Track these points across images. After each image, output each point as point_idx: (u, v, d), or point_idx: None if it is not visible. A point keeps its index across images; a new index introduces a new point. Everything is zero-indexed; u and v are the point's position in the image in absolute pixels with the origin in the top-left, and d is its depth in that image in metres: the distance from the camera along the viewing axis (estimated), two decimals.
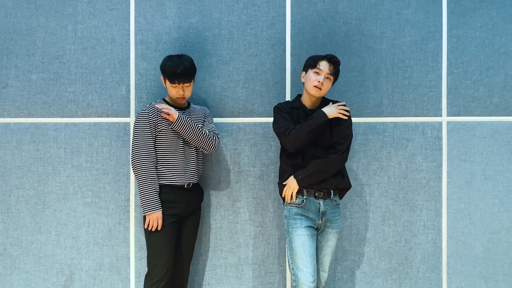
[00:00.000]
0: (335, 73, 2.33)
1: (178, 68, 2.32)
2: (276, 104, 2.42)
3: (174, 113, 2.33)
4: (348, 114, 2.29)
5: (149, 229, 2.34)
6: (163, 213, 2.35)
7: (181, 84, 2.36)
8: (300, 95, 2.42)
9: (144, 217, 2.36)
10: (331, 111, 2.26)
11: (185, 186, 2.42)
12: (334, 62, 2.31)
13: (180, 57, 2.39)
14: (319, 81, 2.29)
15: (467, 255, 2.69)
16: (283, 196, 2.32)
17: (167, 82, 2.38)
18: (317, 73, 2.30)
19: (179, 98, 2.40)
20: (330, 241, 2.34)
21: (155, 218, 2.33)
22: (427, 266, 2.69)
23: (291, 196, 2.27)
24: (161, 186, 2.38)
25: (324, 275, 2.37)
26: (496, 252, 2.69)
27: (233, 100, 2.69)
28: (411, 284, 2.68)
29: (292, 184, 2.27)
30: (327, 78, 2.31)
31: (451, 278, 2.69)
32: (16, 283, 2.68)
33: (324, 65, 2.30)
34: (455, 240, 2.69)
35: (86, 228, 2.68)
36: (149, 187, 2.33)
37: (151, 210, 2.32)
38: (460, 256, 2.69)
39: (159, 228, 2.33)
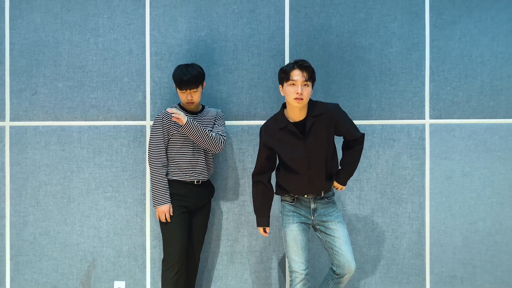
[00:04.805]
0: (310, 77, 2.31)
1: (185, 76, 2.56)
2: (262, 127, 2.45)
3: (183, 118, 2.56)
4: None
5: (160, 220, 2.63)
6: (174, 205, 2.62)
7: (188, 90, 2.59)
8: (285, 105, 2.43)
9: None
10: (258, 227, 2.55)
11: (195, 183, 2.68)
12: (305, 67, 2.29)
13: (187, 66, 2.63)
14: (297, 93, 2.27)
15: (447, 244, 2.96)
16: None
17: (177, 89, 2.63)
18: (293, 84, 2.29)
19: (188, 103, 2.63)
20: (337, 231, 2.40)
21: (162, 212, 2.60)
22: (412, 253, 2.96)
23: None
24: (174, 181, 2.65)
25: (351, 266, 2.37)
26: (474, 241, 2.96)
27: (238, 105, 2.97)
28: (398, 269, 2.97)
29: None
30: (305, 85, 2.30)
31: (433, 264, 2.96)
32: (44, 269, 2.99)
33: (297, 74, 2.29)
34: (437, 230, 2.96)
35: (106, 220, 2.98)
36: (158, 183, 2.61)
37: (158, 204, 2.60)
38: (442, 244, 2.96)
39: (168, 220, 2.60)
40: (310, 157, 2.38)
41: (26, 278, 2.98)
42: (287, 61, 2.95)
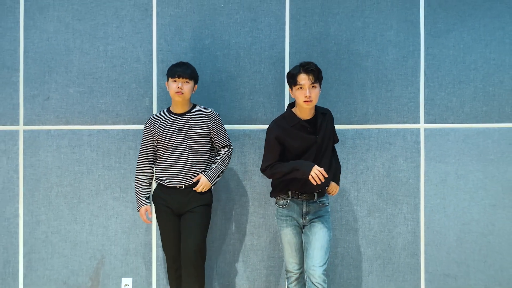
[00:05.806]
0: (317, 79, 2.40)
1: (179, 65, 2.66)
2: (272, 124, 2.50)
3: (206, 184, 2.66)
4: (321, 180, 2.33)
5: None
6: (161, 209, 2.70)
7: (181, 78, 2.61)
8: (291, 105, 2.53)
9: None
10: (311, 172, 2.32)
11: (177, 187, 2.68)
12: (311, 71, 2.38)
13: (183, 62, 2.72)
14: (306, 96, 2.37)
15: (442, 243, 3.05)
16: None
17: (169, 79, 2.64)
18: (301, 88, 2.39)
19: (177, 93, 2.61)
20: (317, 234, 2.43)
21: (140, 215, 2.75)
22: (407, 252, 3.06)
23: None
24: (160, 185, 2.73)
25: (316, 271, 2.36)
26: (467, 241, 3.05)
27: (240, 110, 3.10)
28: (394, 268, 3.08)
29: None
30: (313, 87, 2.40)
31: (428, 263, 3.05)
32: (56, 266, 3.12)
33: (303, 79, 2.38)
34: (432, 230, 3.05)
35: (115, 219, 3.11)
36: (136, 187, 2.76)
37: (138, 208, 2.75)
38: (436, 244, 3.05)
39: (148, 222, 2.75)
40: (320, 151, 2.47)
41: (38, 275, 3.12)
42: (287, 68, 3.06)
